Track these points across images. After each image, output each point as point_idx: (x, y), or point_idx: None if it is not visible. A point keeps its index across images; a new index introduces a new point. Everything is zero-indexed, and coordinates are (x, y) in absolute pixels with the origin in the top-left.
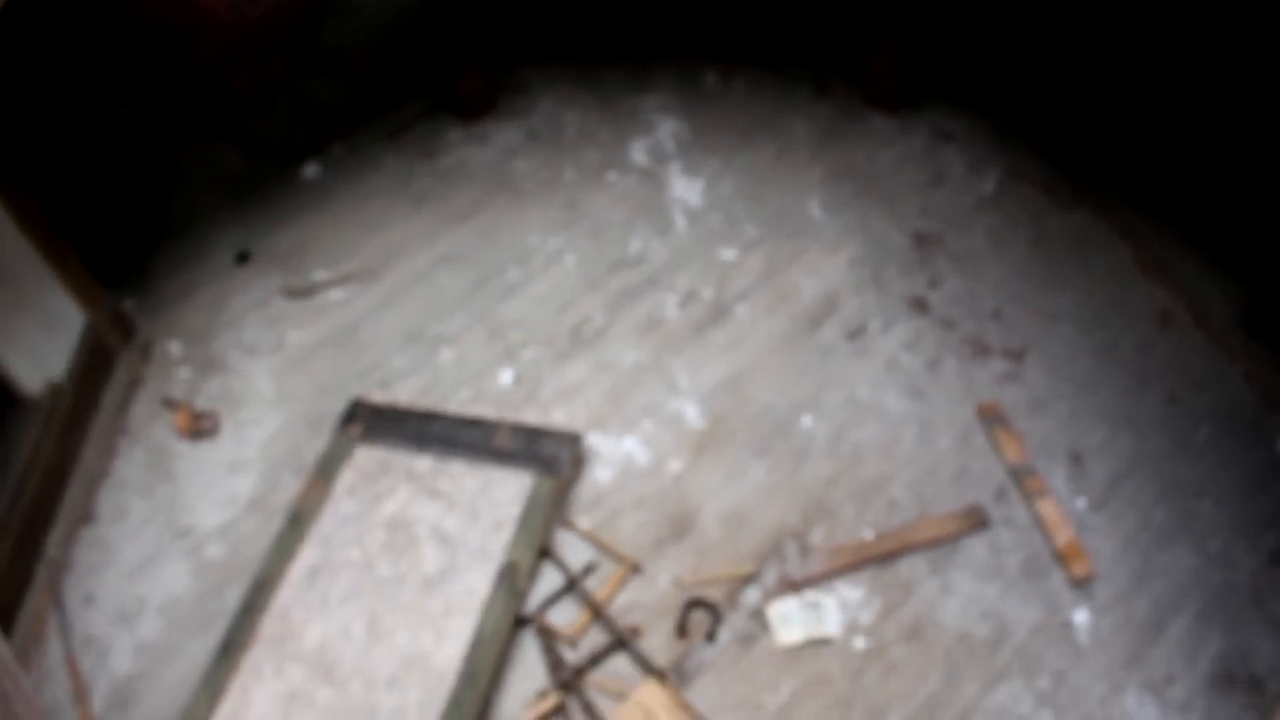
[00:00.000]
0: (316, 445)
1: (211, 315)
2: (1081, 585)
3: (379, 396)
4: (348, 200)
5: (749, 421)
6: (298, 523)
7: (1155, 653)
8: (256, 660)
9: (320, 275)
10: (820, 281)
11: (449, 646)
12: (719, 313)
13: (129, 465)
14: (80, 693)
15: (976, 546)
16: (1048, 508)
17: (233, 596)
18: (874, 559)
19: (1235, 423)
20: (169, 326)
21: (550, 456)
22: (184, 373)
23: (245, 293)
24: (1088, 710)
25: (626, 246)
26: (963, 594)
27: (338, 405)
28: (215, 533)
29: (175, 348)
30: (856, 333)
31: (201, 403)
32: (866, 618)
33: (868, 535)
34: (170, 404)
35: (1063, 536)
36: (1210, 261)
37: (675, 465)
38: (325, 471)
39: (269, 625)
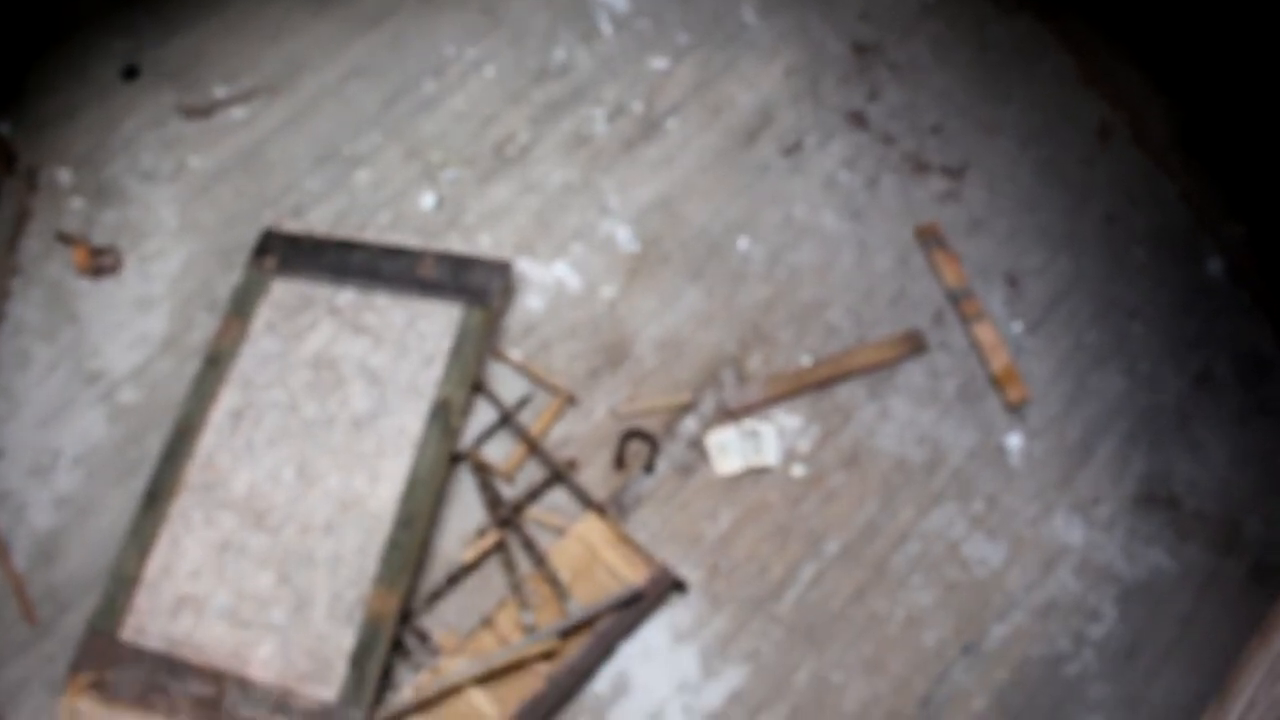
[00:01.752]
0: (229, 280)
1: (101, 138)
2: (1016, 409)
3: (292, 225)
4: (242, 4)
5: (683, 244)
6: (216, 363)
7: (1083, 475)
8: (184, 509)
9: (219, 91)
10: (755, 94)
11: (384, 488)
12: (650, 128)
13: (26, 307)
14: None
15: (914, 372)
16: (985, 331)
17: (153, 443)
18: (812, 386)
19: (1170, 243)
20: (54, 152)
21: (479, 286)
22: (76, 203)
23: (137, 112)
24: (1018, 531)
25: (549, 55)
26: (900, 419)
27: (249, 235)
28: (129, 376)
29: (64, 176)
30: (793, 149)
31: (100, 236)
32: (805, 445)
33: (806, 361)
34: (65, 239)
35: (999, 361)
36: (1152, 78)
37: (608, 291)
38: (241, 308)
39: (194, 473)
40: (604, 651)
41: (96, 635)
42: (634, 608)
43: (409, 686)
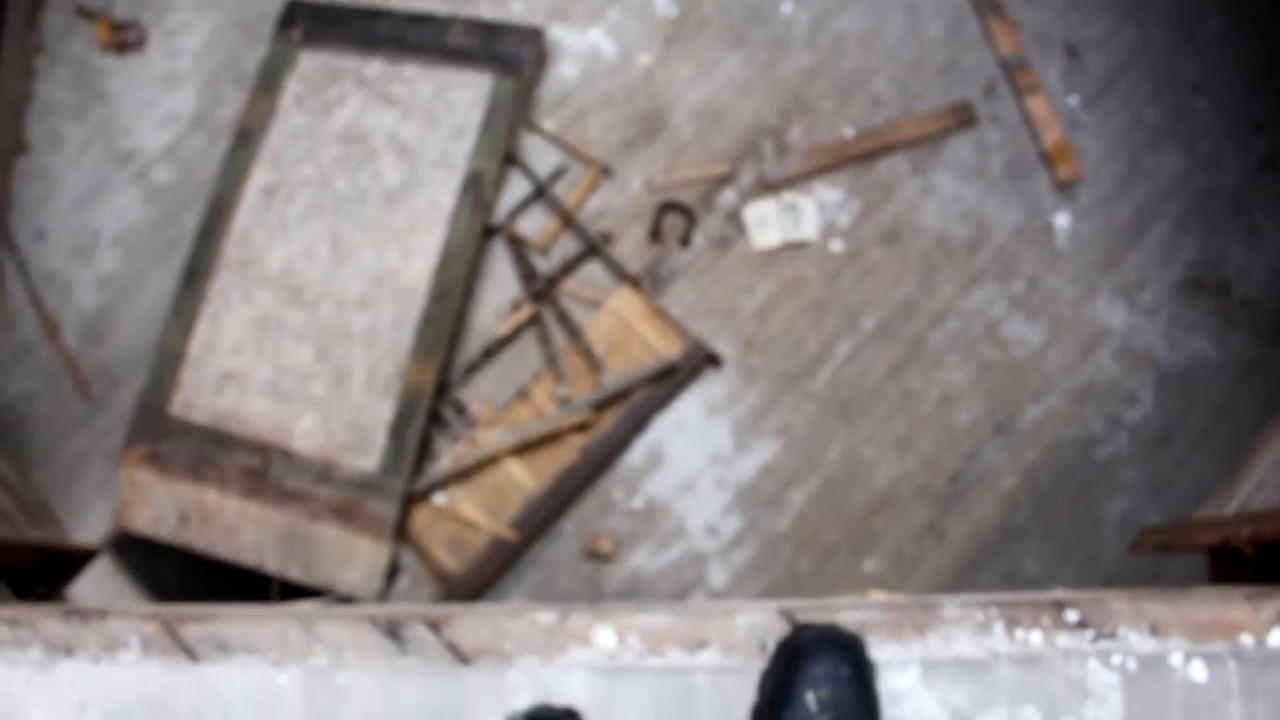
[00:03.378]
0: (255, 53)
1: None
2: (1065, 188)
3: None
4: None
5: (723, 7)
6: (246, 140)
7: (1131, 257)
8: (223, 286)
9: None
10: None
11: (417, 262)
12: None
13: (53, 87)
14: (51, 329)
15: (961, 145)
16: (1038, 104)
17: (189, 222)
18: (854, 159)
19: (1247, 13)
20: None
21: (510, 54)
22: None
23: None
24: (1059, 312)
25: None
26: (943, 195)
27: (273, 6)
28: (160, 155)
29: None
30: None
31: (122, 9)
32: (844, 220)
33: (848, 133)
34: (86, 13)
35: (1051, 136)
36: None
37: (644, 59)
38: (268, 82)
39: (230, 250)
40: (638, 423)
41: (147, 410)
42: (668, 381)
43: (447, 456)
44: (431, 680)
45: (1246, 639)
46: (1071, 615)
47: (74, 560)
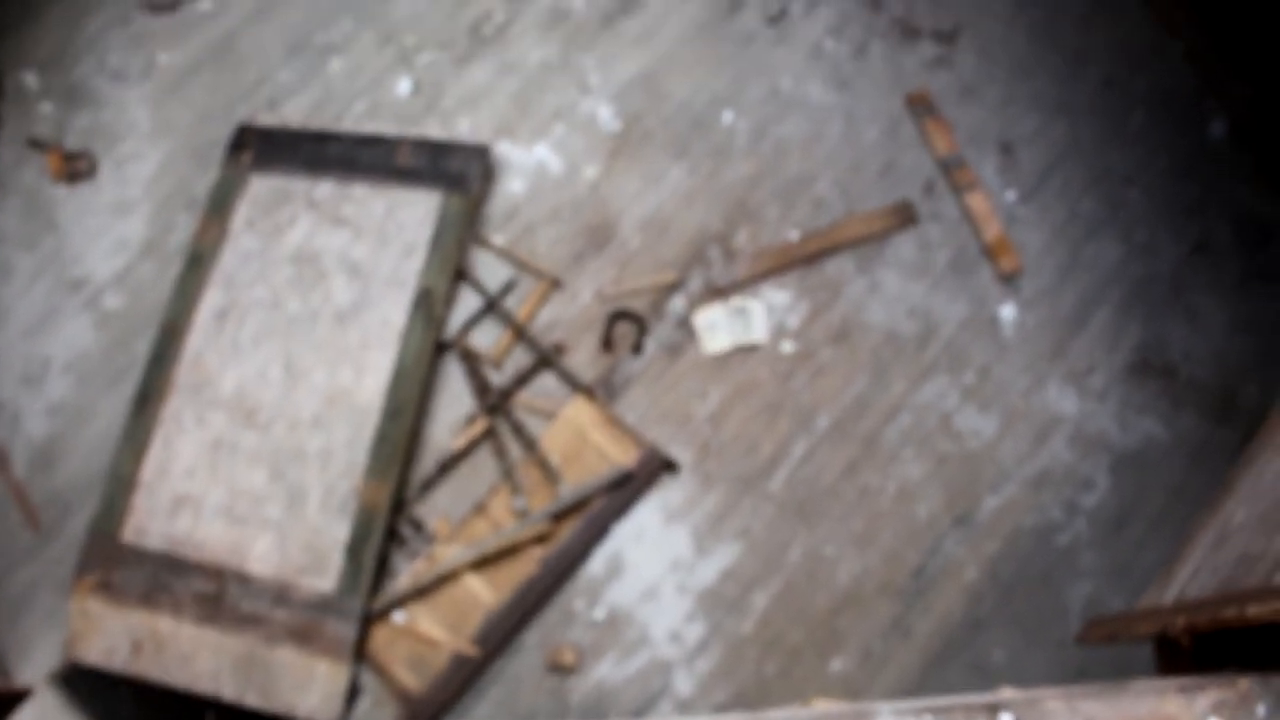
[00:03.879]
0: (206, 179)
1: (65, 38)
2: (1009, 280)
3: (267, 119)
4: None
5: (666, 120)
6: (197, 264)
7: (1077, 345)
8: (175, 410)
9: None
10: None
11: (370, 380)
12: (629, 1)
13: (4, 217)
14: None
15: (904, 244)
16: (977, 201)
17: (141, 347)
18: (800, 261)
19: (1171, 106)
20: (18, 55)
21: (458, 172)
22: (46, 108)
23: (101, 9)
24: (1011, 402)
25: None
26: (890, 293)
27: (223, 132)
28: (111, 281)
29: (30, 79)
30: (778, 17)
31: (72, 141)
32: (794, 321)
33: (793, 237)
34: (37, 144)
35: (991, 230)
36: None
37: (590, 172)
38: (219, 206)
39: (183, 374)
40: (597, 533)
41: (99, 537)
42: (625, 489)
43: (406, 574)
44: None
45: None
46: (1006, 718)
47: (10, 701)
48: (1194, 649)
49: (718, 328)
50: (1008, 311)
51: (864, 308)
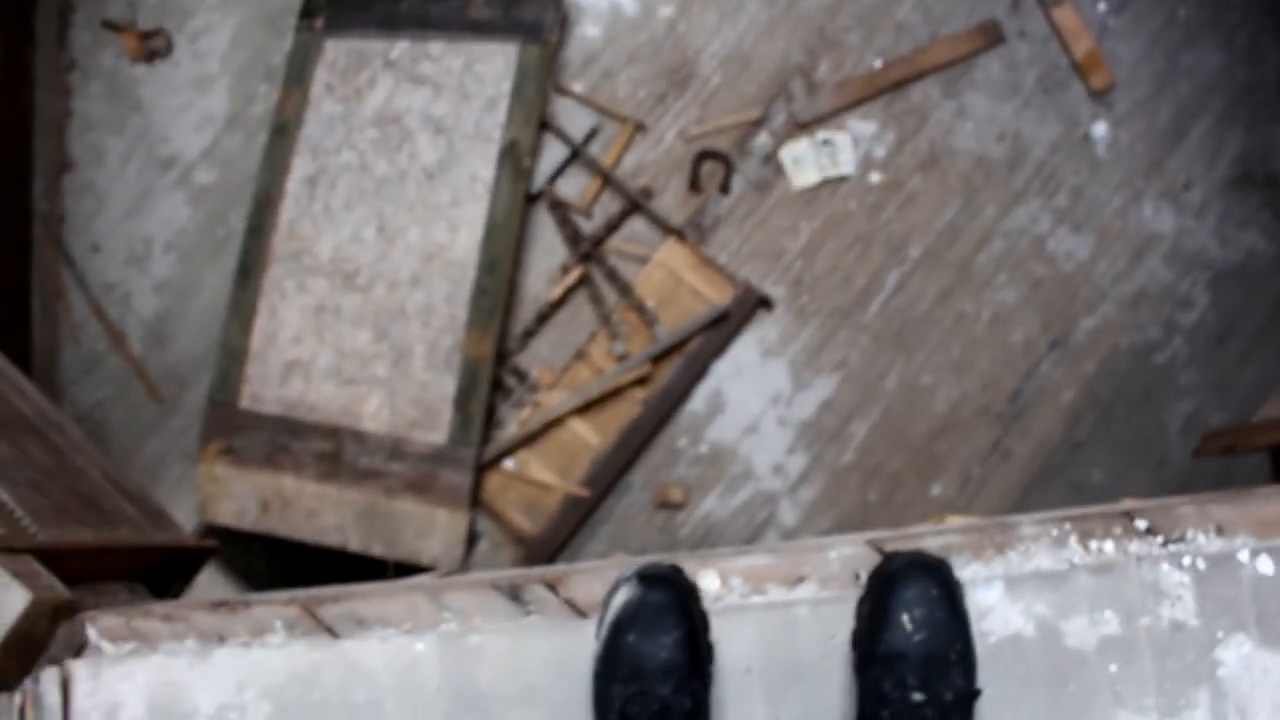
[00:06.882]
0: (281, 46)
1: None
2: (1101, 96)
3: None
4: None
5: None
6: (282, 133)
7: (1174, 159)
8: (277, 279)
9: None
10: None
11: (464, 236)
12: None
13: (89, 102)
14: (116, 338)
15: (991, 64)
16: (1066, 14)
17: (236, 220)
18: (884, 89)
19: None
20: None
21: (533, 21)
22: None
23: None
24: (1105, 222)
25: None
26: (978, 116)
27: None
28: (200, 158)
29: None
30: None
31: (145, 19)
32: (881, 151)
33: (876, 64)
34: (111, 26)
35: (1082, 45)
36: None
37: (666, 10)
38: (298, 74)
39: (280, 243)
40: (696, 372)
41: (218, 407)
42: (721, 327)
43: (513, 423)
44: (554, 635)
45: None
46: (1141, 523)
47: (193, 557)
48: None
49: (804, 162)
50: (1100, 129)
51: (952, 133)
